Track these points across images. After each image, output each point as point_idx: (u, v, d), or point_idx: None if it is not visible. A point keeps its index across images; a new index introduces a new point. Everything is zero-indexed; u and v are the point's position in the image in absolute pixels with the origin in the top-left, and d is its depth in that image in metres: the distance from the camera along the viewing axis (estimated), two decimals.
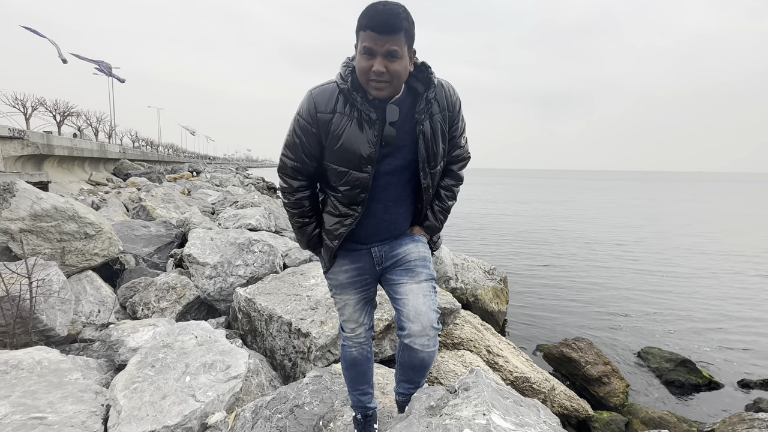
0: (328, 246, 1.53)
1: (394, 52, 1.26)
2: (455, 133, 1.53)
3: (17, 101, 20.46)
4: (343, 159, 1.38)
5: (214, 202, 9.90)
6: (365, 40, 1.25)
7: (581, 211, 21.61)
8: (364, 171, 1.38)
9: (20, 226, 3.27)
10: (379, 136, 1.36)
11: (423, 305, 1.46)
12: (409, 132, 1.41)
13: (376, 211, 1.48)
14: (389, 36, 1.24)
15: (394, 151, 1.41)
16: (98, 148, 20.73)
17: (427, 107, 1.39)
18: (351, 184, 1.41)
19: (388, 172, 1.44)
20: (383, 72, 1.26)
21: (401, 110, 1.38)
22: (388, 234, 1.55)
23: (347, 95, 1.35)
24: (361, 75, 1.31)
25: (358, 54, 1.30)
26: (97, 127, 29.92)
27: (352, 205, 1.45)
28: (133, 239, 4.95)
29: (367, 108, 1.34)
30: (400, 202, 1.51)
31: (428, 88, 1.39)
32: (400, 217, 1.54)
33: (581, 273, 8.58)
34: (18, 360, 2.05)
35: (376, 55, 1.26)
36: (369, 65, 1.27)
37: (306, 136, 1.40)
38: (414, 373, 1.59)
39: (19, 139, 12.66)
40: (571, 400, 3.40)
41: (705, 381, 4.24)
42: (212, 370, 2.11)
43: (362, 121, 1.35)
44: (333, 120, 1.36)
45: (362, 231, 1.51)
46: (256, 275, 3.66)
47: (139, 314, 3.41)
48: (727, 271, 8.91)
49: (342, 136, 1.36)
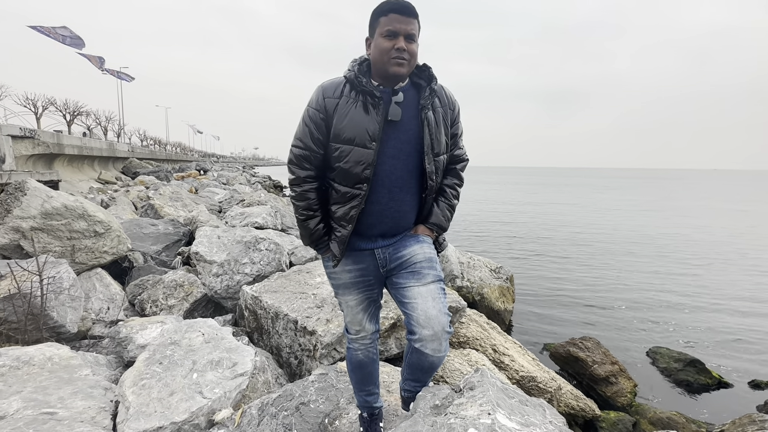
0: (340, 236, 1.51)
1: (413, 35, 1.42)
2: (456, 132, 1.62)
3: (28, 101, 20.73)
4: (349, 136, 1.44)
5: (221, 201, 9.97)
6: (388, 24, 1.39)
7: (591, 211, 21.43)
8: (369, 147, 1.43)
9: (31, 224, 3.32)
10: (383, 116, 1.44)
11: (433, 309, 1.44)
12: (413, 118, 1.49)
13: (381, 196, 1.49)
14: (410, 18, 1.40)
15: (398, 133, 1.47)
16: (107, 147, 20.95)
17: (431, 96, 1.50)
18: (355, 161, 1.44)
19: (393, 156, 1.47)
20: (405, 49, 1.40)
21: (405, 96, 1.48)
22: (393, 223, 1.53)
23: (353, 82, 1.45)
24: (382, 55, 1.42)
25: (377, 38, 1.42)
26: (106, 126, 30.23)
27: (357, 184, 1.46)
28: (141, 237, 5.00)
29: (372, 86, 1.44)
30: (405, 189, 1.52)
31: (430, 82, 1.51)
32: (405, 205, 1.53)
33: (589, 272, 8.51)
34: (29, 356, 2.09)
35: (398, 36, 1.40)
36: (392, 44, 1.40)
37: (315, 123, 1.47)
38: (422, 373, 1.58)
39: (30, 138, 12.83)
40: (578, 400, 3.38)
41: (714, 381, 4.19)
42: (219, 368, 2.13)
43: (367, 104, 1.44)
44: (339, 103, 1.45)
45: (367, 218, 1.50)
46: (263, 273, 3.68)
47: (148, 311, 3.45)
48: (739, 271, 8.78)
49: (347, 115, 1.44)
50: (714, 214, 19.91)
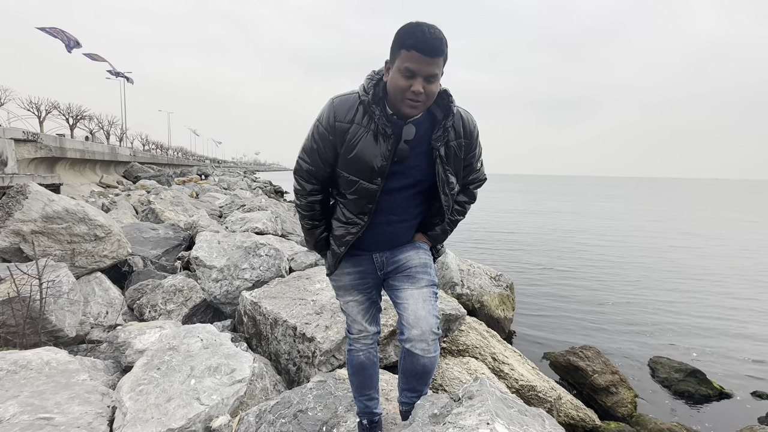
0: (335, 251, 1.58)
1: (434, 76, 1.29)
2: (472, 160, 1.57)
3: (32, 105, 20.87)
4: (355, 169, 1.42)
5: (222, 206, 9.98)
6: (408, 61, 1.26)
7: (595, 220, 21.42)
8: (374, 183, 1.42)
9: (32, 227, 3.33)
10: (392, 151, 1.39)
11: (422, 310, 1.47)
12: (422, 154, 1.45)
13: (380, 222, 1.52)
14: (433, 59, 1.26)
15: (405, 169, 1.45)
16: (109, 151, 21.04)
17: (444, 135, 1.43)
18: (360, 194, 1.45)
19: (396, 189, 1.47)
20: (421, 92, 1.29)
21: (418, 131, 1.42)
22: (390, 244, 1.59)
23: (367, 107, 1.38)
24: (397, 92, 1.32)
25: (395, 72, 1.31)
26: (108, 130, 30.39)
27: (359, 214, 1.49)
28: (141, 241, 5.00)
29: (384, 122, 1.37)
30: (404, 218, 1.55)
31: (447, 116, 1.42)
32: (402, 230, 1.58)
33: (589, 281, 8.48)
34: (27, 360, 2.08)
35: (416, 77, 1.28)
36: (408, 85, 1.29)
37: (323, 143, 1.44)
38: (416, 380, 1.59)
39: (32, 141, 12.90)
40: (578, 410, 3.35)
41: (716, 392, 4.16)
42: (217, 374, 2.12)
43: (378, 134, 1.38)
44: (350, 130, 1.39)
45: (365, 239, 1.55)
46: (262, 279, 3.68)
47: (146, 316, 3.44)
48: (741, 282, 8.75)
49: (356, 146, 1.40)
50: (725, 226, 19.37)
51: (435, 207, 1.57)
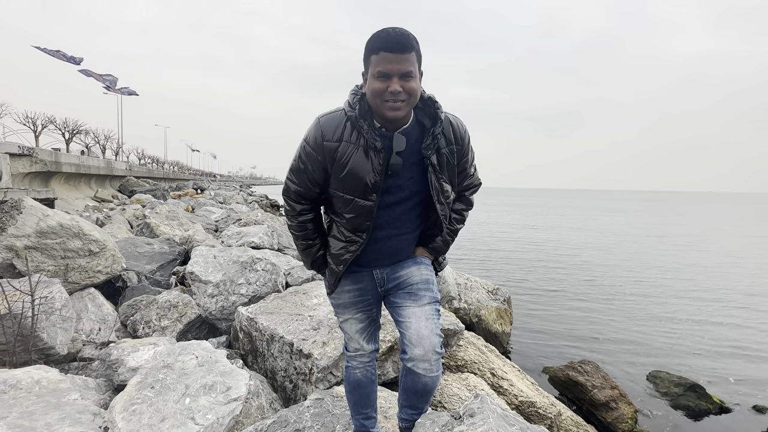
0: (333, 270, 1.54)
1: (409, 73, 1.27)
2: (465, 165, 1.55)
3: (28, 119, 20.88)
4: (349, 187, 1.39)
5: (218, 220, 9.94)
6: (379, 64, 1.26)
7: (589, 233, 21.49)
8: (369, 199, 1.39)
9: (25, 243, 3.29)
10: (384, 165, 1.36)
11: (425, 329, 1.44)
12: (415, 164, 1.42)
13: (380, 237, 1.49)
14: (403, 54, 1.25)
15: (400, 181, 1.42)
16: (105, 165, 20.98)
17: (433, 142, 1.40)
18: (356, 212, 1.42)
19: (393, 203, 1.45)
20: (400, 91, 1.27)
21: (408, 141, 1.39)
22: (391, 259, 1.55)
23: (354, 122, 1.35)
24: (375, 97, 1.30)
25: (370, 78, 1.30)
26: (104, 144, 30.39)
27: (357, 232, 1.46)
28: (136, 256, 4.95)
29: (373, 136, 1.34)
30: (404, 231, 1.53)
31: (435, 124, 1.40)
32: (403, 243, 1.55)
33: (587, 295, 8.47)
34: (17, 379, 2.03)
35: (391, 77, 1.26)
36: (384, 86, 1.27)
37: (311, 163, 1.41)
38: (417, 398, 1.56)
39: (27, 156, 12.85)
40: (579, 427, 3.30)
41: (716, 406, 4.12)
42: (212, 392, 2.07)
43: (368, 149, 1.35)
44: (339, 148, 1.36)
45: (365, 255, 1.52)
46: (259, 294, 3.64)
47: (140, 333, 3.39)
48: (740, 296, 8.76)
49: (348, 164, 1.37)
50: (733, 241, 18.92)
51: (433, 217, 1.55)
